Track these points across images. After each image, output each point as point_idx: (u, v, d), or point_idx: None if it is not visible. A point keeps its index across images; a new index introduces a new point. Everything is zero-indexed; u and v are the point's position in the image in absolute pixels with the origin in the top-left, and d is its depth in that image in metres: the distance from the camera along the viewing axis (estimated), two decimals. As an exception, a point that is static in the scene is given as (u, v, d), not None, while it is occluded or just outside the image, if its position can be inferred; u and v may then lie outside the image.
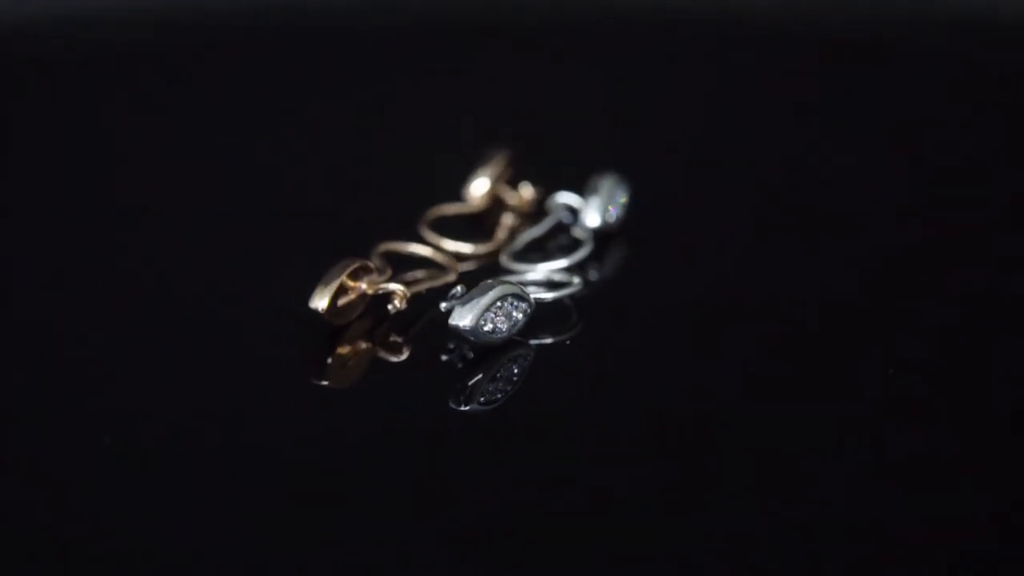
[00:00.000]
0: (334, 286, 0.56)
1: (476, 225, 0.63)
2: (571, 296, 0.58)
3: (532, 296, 0.55)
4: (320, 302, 0.55)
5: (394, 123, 0.75)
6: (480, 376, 0.55)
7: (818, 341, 0.56)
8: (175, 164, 0.70)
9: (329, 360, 0.56)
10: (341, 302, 0.56)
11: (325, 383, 0.55)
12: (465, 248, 0.61)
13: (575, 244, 0.61)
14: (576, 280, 0.58)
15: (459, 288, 0.56)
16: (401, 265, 0.59)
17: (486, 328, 0.54)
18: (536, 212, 0.64)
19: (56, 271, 0.62)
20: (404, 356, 0.56)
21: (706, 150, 0.71)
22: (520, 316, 0.55)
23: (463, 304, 0.54)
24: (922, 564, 0.48)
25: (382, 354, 0.56)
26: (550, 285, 0.58)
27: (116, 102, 0.77)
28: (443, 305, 0.56)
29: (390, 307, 0.56)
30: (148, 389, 0.55)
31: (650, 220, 0.63)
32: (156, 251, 0.63)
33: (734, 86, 0.76)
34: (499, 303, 0.54)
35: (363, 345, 0.56)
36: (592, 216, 0.62)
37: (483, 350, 0.55)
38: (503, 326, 0.55)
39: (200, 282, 0.61)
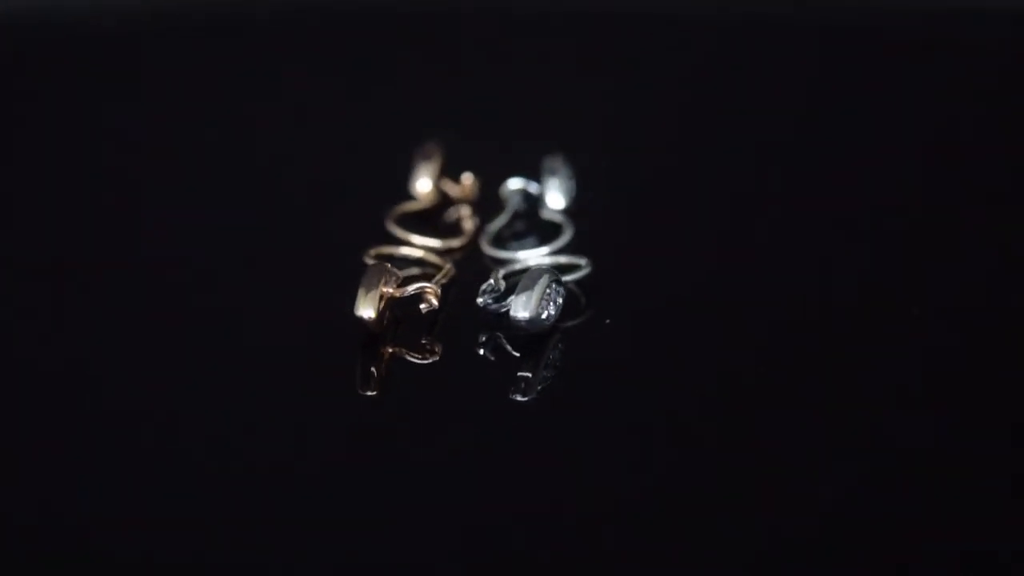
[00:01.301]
0: (377, 293, 0.55)
1: (434, 220, 0.63)
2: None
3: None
4: (368, 311, 0.55)
5: (317, 123, 0.73)
6: (532, 365, 0.55)
7: (809, 326, 0.57)
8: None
9: (373, 368, 0.55)
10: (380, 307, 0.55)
11: (373, 393, 0.55)
12: (442, 244, 0.61)
13: (551, 228, 0.62)
14: (584, 262, 0.59)
15: (491, 282, 0.56)
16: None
17: (543, 316, 0.55)
18: (481, 200, 0.64)
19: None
20: (438, 355, 0.56)
21: (638, 133, 0.72)
22: (560, 301, 0.56)
23: (517, 295, 0.55)
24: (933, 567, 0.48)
25: (415, 356, 0.56)
26: (561, 269, 0.59)
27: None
28: (480, 301, 0.56)
29: (423, 307, 0.56)
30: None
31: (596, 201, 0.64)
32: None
33: (658, 74, 0.78)
34: (547, 290, 0.55)
35: (391, 350, 0.56)
36: (557, 198, 0.63)
37: (522, 341, 0.56)
38: (552, 311, 0.55)
39: (202, 296, 0.59)
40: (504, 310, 0.55)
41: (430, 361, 0.56)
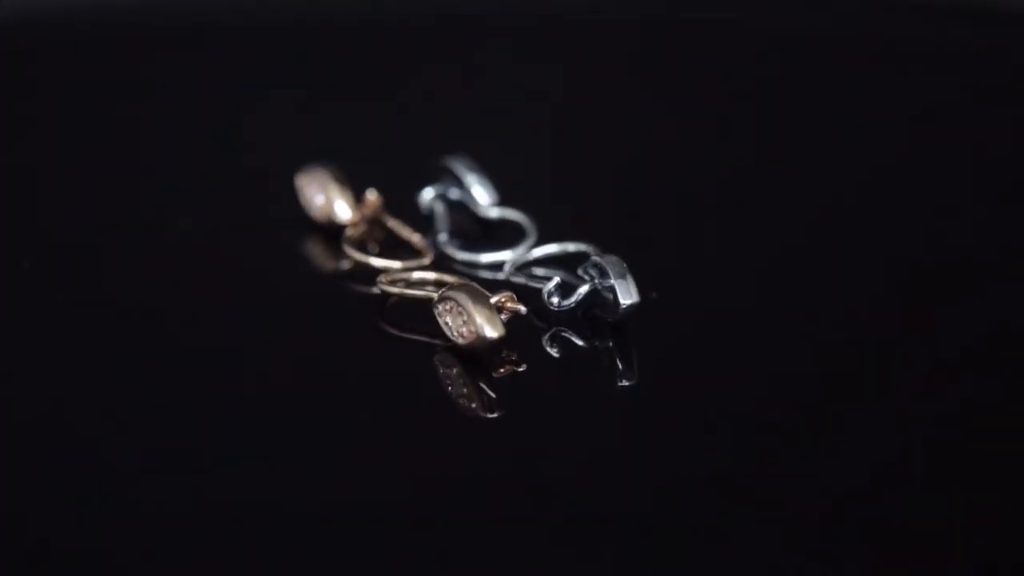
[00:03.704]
0: (495, 310, 0.54)
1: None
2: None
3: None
4: (494, 331, 0.53)
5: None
6: (621, 352, 0.56)
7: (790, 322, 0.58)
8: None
9: (486, 388, 0.54)
10: None
11: (496, 414, 0.54)
12: (415, 262, 0.60)
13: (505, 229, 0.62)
14: (588, 248, 0.59)
15: (556, 281, 0.56)
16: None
17: (638, 300, 0.56)
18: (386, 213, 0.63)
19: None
20: (523, 365, 0.55)
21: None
22: (625, 283, 0.57)
23: (617, 283, 0.55)
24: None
25: (504, 370, 0.55)
26: (573, 258, 0.60)
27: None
28: (554, 301, 0.56)
29: (503, 317, 0.55)
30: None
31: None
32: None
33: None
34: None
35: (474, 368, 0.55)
36: (485, 195, 0.63)
37: (583, 332, 0.56)
38: (632, 294, 0.57)
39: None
40: (567, 307, 0.56)
41: (521, 369, 0.55)
